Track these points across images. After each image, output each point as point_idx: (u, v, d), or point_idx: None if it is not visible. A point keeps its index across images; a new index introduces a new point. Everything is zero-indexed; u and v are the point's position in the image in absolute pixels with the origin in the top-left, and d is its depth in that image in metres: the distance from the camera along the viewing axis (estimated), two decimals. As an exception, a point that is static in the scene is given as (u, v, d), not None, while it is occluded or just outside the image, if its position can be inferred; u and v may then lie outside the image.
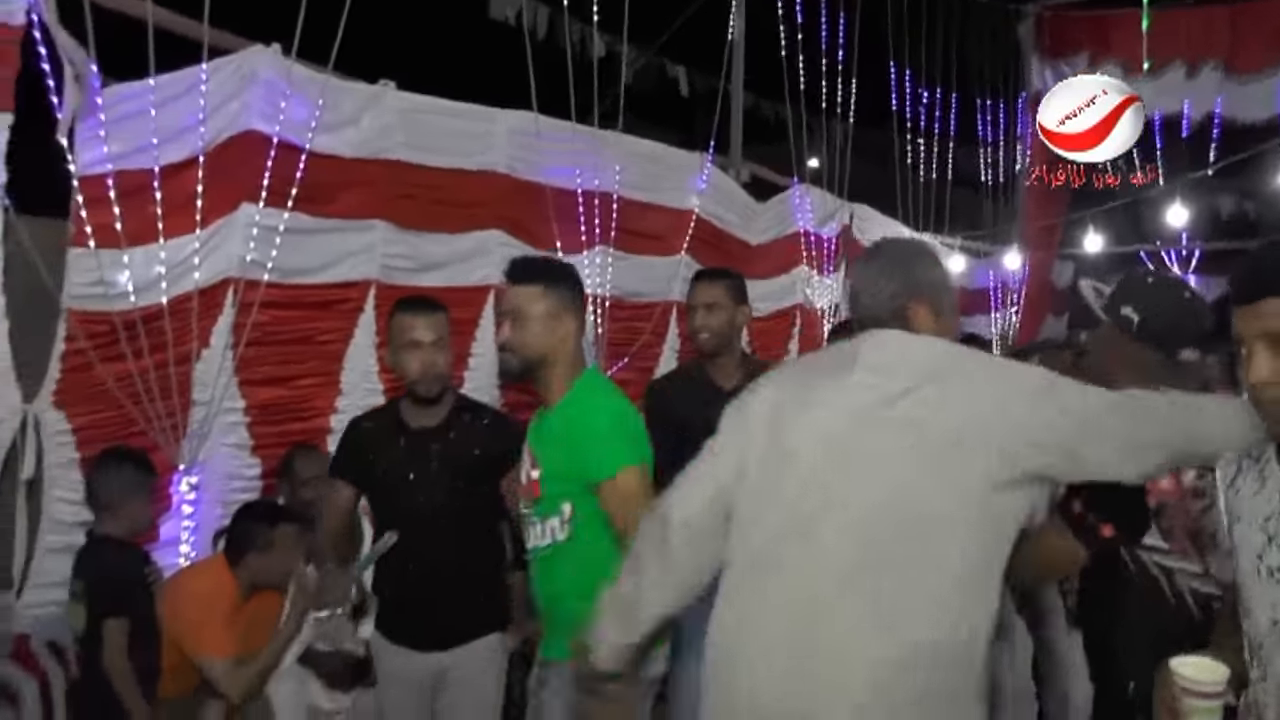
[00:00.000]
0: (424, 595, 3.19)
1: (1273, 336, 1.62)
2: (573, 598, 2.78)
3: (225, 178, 4.28)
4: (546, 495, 2.84)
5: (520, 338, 2.88)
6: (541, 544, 2.90)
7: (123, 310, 4.00)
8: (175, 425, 4.19)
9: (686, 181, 6.80)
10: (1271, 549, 1.73)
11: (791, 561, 2.02)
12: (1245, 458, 1.87)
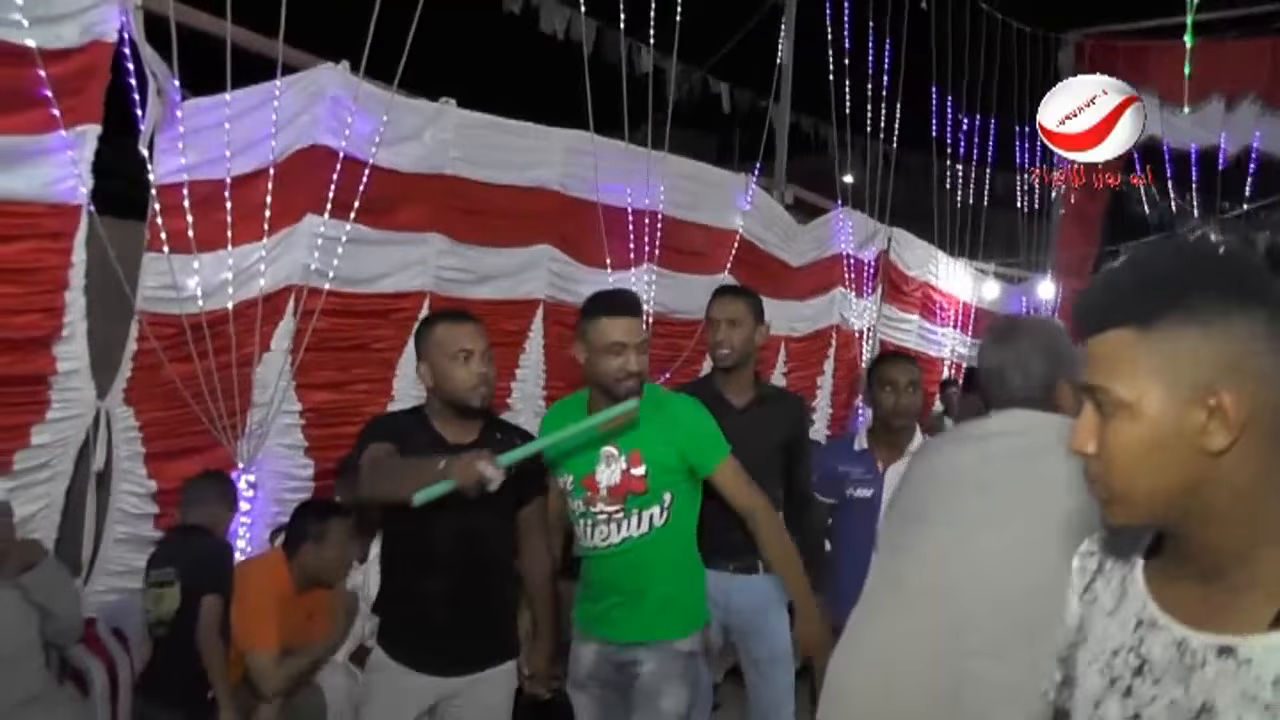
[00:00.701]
0: (443, 617, 3.01)
1: (1095, 390, 1.13)
2: (668, 578, 3.15)
3: (292, 189, 4.41)
4: (652, 488, 3.06)
5: (644, 364, 3.10)
6: (635, 534, 3.09)
7: (191, 313, 4.14)
8: (235, 425, 4.32)
9: (731, 201, 6.90)
10: (1111, 700, 1.19)
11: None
12: (1110, 555, 1.31)
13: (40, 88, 3.63)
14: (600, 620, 3.19)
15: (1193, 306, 1.02)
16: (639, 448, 3.06)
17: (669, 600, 3.16)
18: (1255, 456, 1.03)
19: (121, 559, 4.13)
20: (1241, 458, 1.03)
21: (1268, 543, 1.05)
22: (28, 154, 3.66)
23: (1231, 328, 1.01)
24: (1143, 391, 1.05)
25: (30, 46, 3.58)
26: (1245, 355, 1.01)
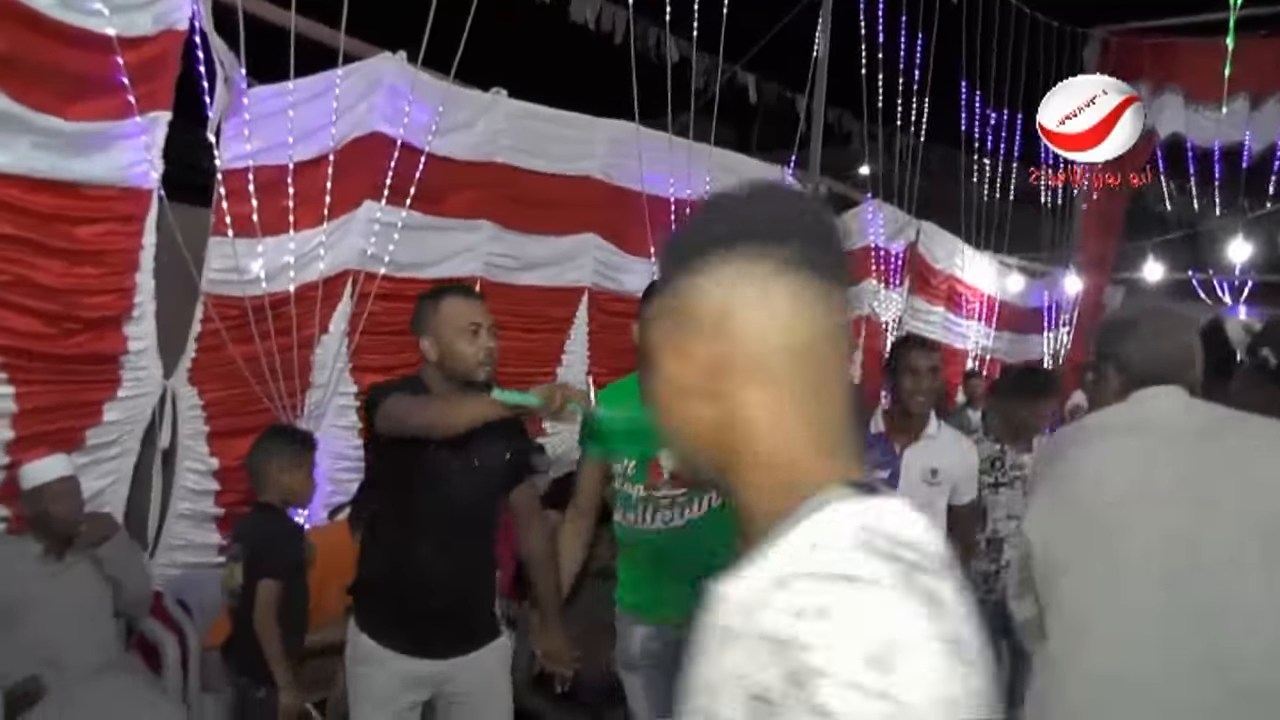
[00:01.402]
0: (435, 596, 2.92)
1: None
2: (724, 556, 3.03)
3: (351, 175, 4.48)
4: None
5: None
6: (696, 515, 3.12)
7: (254, 295, 4.21)
8: (295, 405, 4.40)
9: (767, 193, 6.93)
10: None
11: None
12: None
13: (118, 74, 3.70)
14: (657, 601, 3.18)
15: (693, 262, 1.01)
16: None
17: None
18: (762, 404, 1.00)
19: (184, 534, 4.22)
20: (752, 405, 1.00)
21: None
22: (105, 139, 3.73)
23: (729, 279, 0.99)
24: (662, 346, 1.04)
25: (110, 35, 3.65)
26: (713, 304, 1.00)
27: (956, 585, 0.87)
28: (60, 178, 3.64)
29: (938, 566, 0.88)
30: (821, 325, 0.99)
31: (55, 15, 3.53)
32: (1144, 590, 2.00)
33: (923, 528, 0.92)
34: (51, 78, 3.56)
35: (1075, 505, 2.17)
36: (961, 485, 3.88)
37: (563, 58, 11.38)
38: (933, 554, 0.89)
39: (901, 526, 0.91)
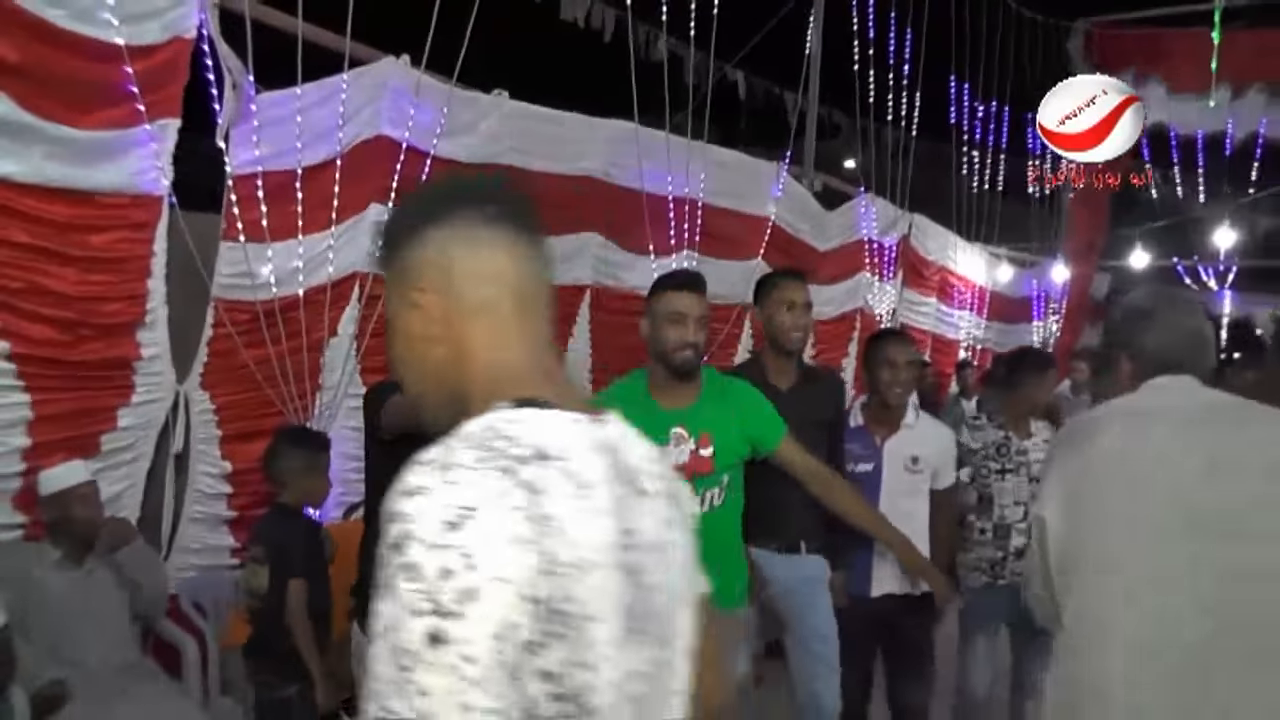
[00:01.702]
0: None
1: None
2: (723, 555, 3.21)
3: (358, 179, 4.50)
4: (717, 469, 3.15)
5: (701, 338, 3.15)
6: (701, 512, 3.13)
7: (264, 299, 4.23)
8: (306, 407, 4.42)
9: (764, 189, 6.98)
10: None
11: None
12: None
13: (127, 83, 3.71)
14: None
15: (414, 235, 1.23)
16: (709, 430, 3.13)
17: (728, 574, 3.25)
18: (482, 337, 1.22)
19: (198, 537, 4.23)
20: (474, 339, 1.22)
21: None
22: (116, 147, 3.74)
23: (444, 241, 1.22)
24: (399, 307, 1.26)
25: (119, 44, 3.66)
26: (433, 262, 1.22)
27: (583, 482, 1.08)
28: (73, 186, 3.65)
29: (556, 463, 1.07)
30: (523, 267, 1.23)
31: (66, 25, 3.55)
32: (1169, 569, 2.02)
33: (570, 437, 1.12)
34: (63, 87, 3.57)
35: (1095, 488, 2.18)
36: (941, 470, 3.95)
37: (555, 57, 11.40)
38: (559, 453, 1.08)
39: (534, 431, 1.09)
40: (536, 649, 1.01)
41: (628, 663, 1.12)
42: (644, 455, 1.26)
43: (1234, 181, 13.36)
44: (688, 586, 1.29)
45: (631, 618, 1.12)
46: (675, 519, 1.28)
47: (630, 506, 1.17)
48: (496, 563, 0.98)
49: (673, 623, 1.24)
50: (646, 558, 1.18)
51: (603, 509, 1.10)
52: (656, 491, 1.25)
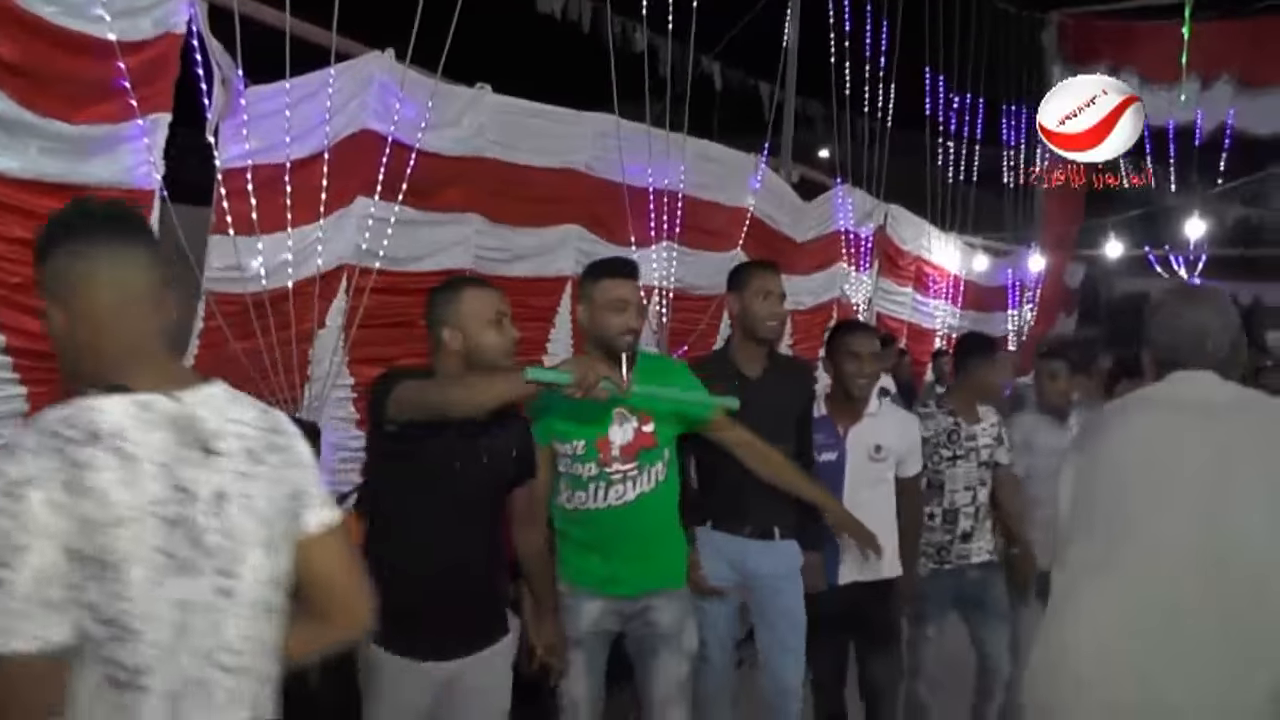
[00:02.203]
0: (439, 598, 2.84)
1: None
2: (670, 529, 3.43)
3: (345, 172, 4.56)
4: (659, 443, 3.30)
5: (641, 323, 3.32)
6: (648, 490, 3.31)
7: (254, 292, 4.29)
8: (295, 398, 4.49)
9: (743, 181, 7.10)
10: None
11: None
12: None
13: (120, 79, 3.75)
14: (611, 578, 3.33)
15: (35, 253, 1.66)
16: (647, 408, 3.25)
17: (674, 550, 3.45)
18: (88, 339, 1.65)
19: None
20: (85, 340, 1.65)
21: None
22: (109, 142, 3.79)
23: (45, 262, 1.65)
24: (49, 311, 1.67)
25: (111, 40, 3.71)
26: (51, 276, 1.64)
27: (128, 456, 1.49)
28: (68, 181, 3.69)
29: (106, 443, 1.48)
30: (121, 273, 1.64)
31: (59, 22, 3.58)
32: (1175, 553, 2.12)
33: (129, 419, 1.52)
34: (57, 83, 3.62)
35: (1109, 471, 2.29)
36: (907, 459, 4.07)
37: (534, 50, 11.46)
38: (111, 434, 1.49)
39: (96, 417, 1.50)
40: (78, 588, 1.44)
41: (168, 594, 1.51)
42: (232, 418, 1.66)
43: (1203, 171, 13.58)
44: (260, 526, 1.65)
45: (174, 558, 1.52)
46: (255, 472, 1.65)
47: (190, 466, 1.57)
48: (40, 525, 1.41)
49: (237, 558, 1.61)
50: (199, 508, 1.57)
51: (146, 475, 1.51)
52: (231, 450, 1.63)
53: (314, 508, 1.76)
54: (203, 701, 1.56)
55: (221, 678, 1.59)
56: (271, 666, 1.70)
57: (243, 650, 1.62)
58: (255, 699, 1.65)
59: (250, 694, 1.64)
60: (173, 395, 1.59)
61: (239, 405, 1.70)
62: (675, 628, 3.39)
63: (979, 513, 4.37)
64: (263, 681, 1.67)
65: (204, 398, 1.64)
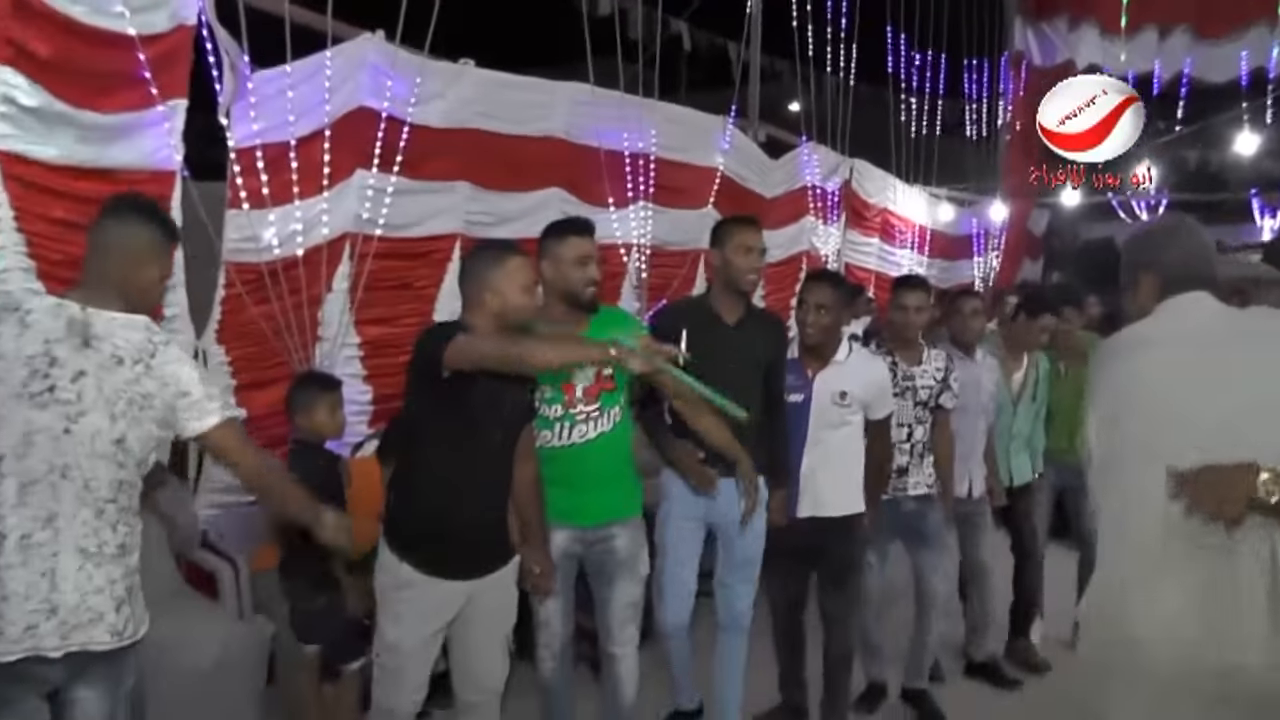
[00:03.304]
0: (474, 525, 3.23)
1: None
2: (628, 463, 3.79)
3: (344, 147, 4.96)
4: (619, 385, 3.65)
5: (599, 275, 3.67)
6: (607, 429, 3.66)
7: (268, 261, 4.70)
8: (308, 357, 4.91)
9: (712, 142, 7.50)
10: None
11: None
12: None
13: (141, 69, 4.13)
14: (576, 509, 3.67)
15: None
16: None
17: (631, 483, 3.82)
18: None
19: (220, 477, 4.70)
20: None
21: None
22: (133, 128, 4.18)
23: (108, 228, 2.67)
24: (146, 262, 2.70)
25: (132, 34, 4.09)
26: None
27: (26, 324, 2.40)
28: (98, 165, 4.08)
29: (15, 313, 2.41)
30: (103, 234, 2.64)
31: (86, 20, 3.96)
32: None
33: (44, 309, 2.46)
34: (86, 76, 4.00)
35: (1122, 407, 2.40)
36: (874, 403, 4.31)
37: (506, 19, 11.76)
38: (21, 309, 2.43)
39: (20, 300, 2.48)
40: None
41: (21, 412, 2.38)
42: (118, 335, 2.49)
43: (1162, 118, 14.02)
44: (104, 400, 2.44)
45: (29, 393, 2.38)
46: (116, 368, 2.46)
47: (65, 347, 2.41)
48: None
49: (80, 412, 2.42)
50: (60, 371, 2.41)
51: (31, 339, 2.40)
52: (102, 349, 2.45)
53: (199, 416, 2.59)
54: (48, 495, 2.39)
55: (66, 485, 2.41)
56: (118, 496, 2.50)
57: (87, 475, 2.43)
58: (99, 510, 2.46)
59: (95, 505, 2.45)
60: (84, 307, 2.46)
61: (131, 329, 2.52)
62: (631, 553, 3.74)
63: (914, 449, 4.67)
64: (108, 500, 2.48)
65: (107, 317, 2.49)
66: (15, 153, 3.79)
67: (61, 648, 2.40)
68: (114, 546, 2.49)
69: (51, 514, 2.40)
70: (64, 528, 2.41)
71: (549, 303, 3.57)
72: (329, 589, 3.79)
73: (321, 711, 3.87)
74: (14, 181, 3.80)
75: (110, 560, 2.48)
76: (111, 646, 2.47)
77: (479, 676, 3.35)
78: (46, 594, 2.39)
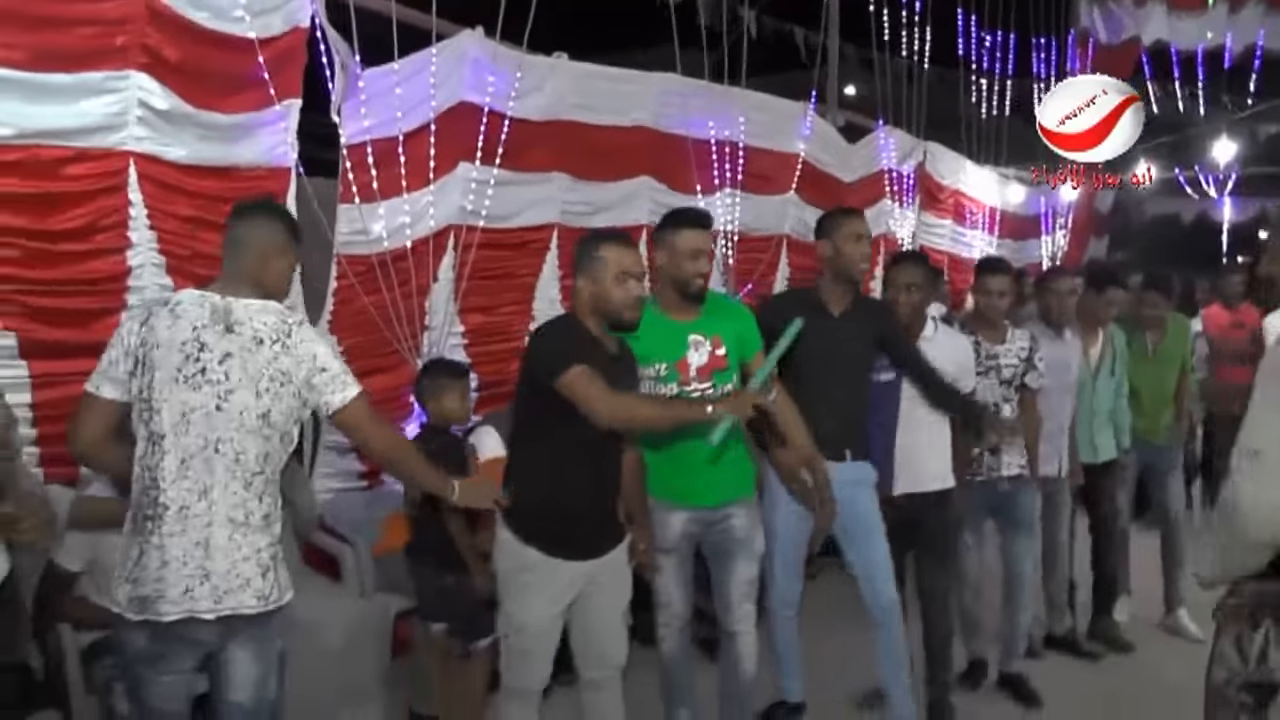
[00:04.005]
0: (593, 506, 3.26)
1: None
2: (742, 445, 3.72)
3: (448, 141, 5.02)
4: (730, 365, 3.60)
5: (710, 269, 3.64)
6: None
7: (378, 252, 4.78)
8: (416, 346, 4.99)
9: (794, 128, 7.48)
10: None
11: None
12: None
13: (259, 71, 4.21)
14: (694, 490, 3.63)
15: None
16: (718, 332, 3.56)
17: (746, 463, 3.78)
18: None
19: (332, 463, 4.83)
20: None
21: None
22: (253, 127, 4.26)
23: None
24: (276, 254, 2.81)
25: (251, 37, 4.17)
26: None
27: (178, 314, 2.57)
28: (221, 164, 4.18)
29: (166, 307, 2.59)
30: (232, 240, 2.73)
31: (210, 25, 4.06)
32: None
33: (190, 301, 2.61)
34: (210, 79, 4.09)
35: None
36: (960, 379, 4.24)
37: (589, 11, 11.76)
38: (177, 303, 2.60)
39: (170, 296, 2.71)
40: (131, 375, 2.54)
41: (176, 394, 2.52)
42: (255, 318, 2.59)
43: (1233, 93, 13.72)
44: (249, 378, 2.56)
45: (183, 375, 2.52)
46: (257, 349, 2.57)
47: (212, 333, 2.55)
48: (123, 338, 2.56)
49: (230, 390, 2.54)
50: (209, 355, 2.54)
51: (182, 328, 2.54)
52: (244, 333, 2.57)
53: (341, 388, 2.67)
54: (203, 469, 2.53)
55: (218, 459, 2.54)
56: (265, 468, 2.61)
57: (237, 449, 2.55)
58: (248, 482, 2.58)
59: (244, 477, 2.57)
60: (224, 297, 2.60)
61: (266, 313, 2.63)
62: (747, 533, 3.71)
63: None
64: (256, 472, 2.59)
65: (244, 303, 2.61)
66: (149, 154, 3.90)
67: (215, 611, 2.54)
68: (259, 517, 2.61)
69: (206, 487, 2.54)
70: (217, 499, 2.55)
71: (662, 289, 3.57)
72: (456, 569, 3.84)
73: (447, 688, 3.93)
74: (147, 181, 3.91)
75: (256, 530, 2.60)
76: (258, 610, 2.59)
77: (603, 653, 3.37)
78: (201, 561, 2.54)
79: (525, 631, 3.22)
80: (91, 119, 3.74)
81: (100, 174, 3.81)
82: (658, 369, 3.53)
